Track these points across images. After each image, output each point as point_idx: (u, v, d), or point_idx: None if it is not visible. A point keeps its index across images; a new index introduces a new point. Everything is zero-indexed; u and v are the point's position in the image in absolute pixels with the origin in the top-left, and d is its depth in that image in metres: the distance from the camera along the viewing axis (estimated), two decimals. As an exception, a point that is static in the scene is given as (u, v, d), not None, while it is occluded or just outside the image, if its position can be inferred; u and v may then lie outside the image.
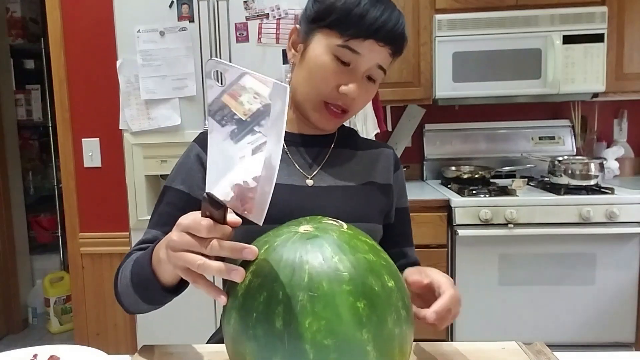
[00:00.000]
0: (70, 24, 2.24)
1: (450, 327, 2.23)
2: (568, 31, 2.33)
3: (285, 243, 0.60)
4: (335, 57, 0.87)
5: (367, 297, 0.55)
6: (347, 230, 0.62)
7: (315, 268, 0.56)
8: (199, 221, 0.58)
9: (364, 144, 1.06)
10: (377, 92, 2.25)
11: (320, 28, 0.88)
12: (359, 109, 0.95)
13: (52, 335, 3.10)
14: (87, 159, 2.29)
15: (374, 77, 0.91)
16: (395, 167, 1.06)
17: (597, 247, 2.11)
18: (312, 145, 0.99)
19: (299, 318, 0.54)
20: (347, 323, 0.54)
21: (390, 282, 0.58)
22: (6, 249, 3.12)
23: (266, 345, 0.55)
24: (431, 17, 2.41)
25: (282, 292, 0.55)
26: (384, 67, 0.90)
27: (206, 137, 0.92)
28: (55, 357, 0.76)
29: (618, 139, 2.72)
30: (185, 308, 1.89)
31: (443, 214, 2.18)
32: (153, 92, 1.95)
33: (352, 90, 0.87)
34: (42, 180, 3.61)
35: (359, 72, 0.88)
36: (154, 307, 0.83)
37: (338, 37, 0.86)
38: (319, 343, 0.53)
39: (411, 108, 2.78)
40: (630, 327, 2.14)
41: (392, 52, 0.89)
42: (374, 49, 0.86)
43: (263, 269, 0.58)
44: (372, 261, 0.59)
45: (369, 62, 0.87)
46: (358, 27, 0.85)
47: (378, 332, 0.55)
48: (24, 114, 3.42)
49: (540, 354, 0.75)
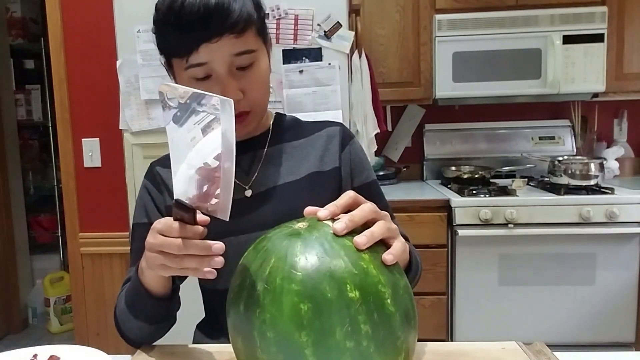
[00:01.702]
0: (70, 24, 2.24)
1: (450, 327, 2.23)
2: (568, 31, 2.33)
3: (273, 237, 0.63)
4: (194, 79, 0.82)
5: (313, 301, 0.55)
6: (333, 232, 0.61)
7: (277, 263, 0.58)
8: (170, 224, 0.64)
9: (306, 130, 0.97)
10: (377, 92, 2.28)
11: (168, 58, 0.85)
12: (260, 98, 0.86)
13: (52, 335, 3.10)
14: (87, 159, 2.28)
15: (244, 65, 0.82)
16: (342, 144, 0.95)
17: (597, 247, 2.11)
18: (246, 151, 0.93)
19: (252, 306, 0.58)
20: (287, 321, 0.55)
21: (352, 293, 0.55)
22: (6, 249, 3.12)
23: (234, 324, 0.62)
24: (431, 17, 2.41)
25: (249, 280, 0.60)
26: (243, 50, 0.81)
27: (152, 170, 0.97)
28: (55, 357, 0.76)
29: (618, 139, 2.72)
30: (185, 308, 1.89)
31: (443, 214, 2.18)
32: (153, 92, 1.95)
33: (230, 95, 0.79)
34: (42, 180, 3.61)
35: (222, 77, 0.81)
36: (159, 329, 0.83)
37: (180, 61, 0.81)
38: (264, 333, 0.56)
39: (411, 108, 2.78)
40: (630, 327, 2.14)
41: (237, 33, 0.79)
42: (211, 49, 0.79)
43: (248, 256, 0.63)
44: (340, 267, 0.56)
45: (220, 62, 0.80)
46: (182, 43, 0.79)
47: (320, 339, 0.54)
48: (24, 114, 3.42)
49: (540, 354, 0.75)
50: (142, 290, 0.77)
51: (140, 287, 0.77)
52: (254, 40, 0.83)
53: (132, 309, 0.81)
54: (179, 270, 0.65)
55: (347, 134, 0.97)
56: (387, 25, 2.46)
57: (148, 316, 0.80)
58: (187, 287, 0.95)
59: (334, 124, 0.98)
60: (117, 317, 0.86)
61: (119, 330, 0.87)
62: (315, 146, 0.95)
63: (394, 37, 2.47)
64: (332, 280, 0.55)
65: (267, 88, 0.89)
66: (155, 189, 0.95)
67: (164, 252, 0.65)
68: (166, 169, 0.95)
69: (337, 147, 0.95)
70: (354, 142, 0.97)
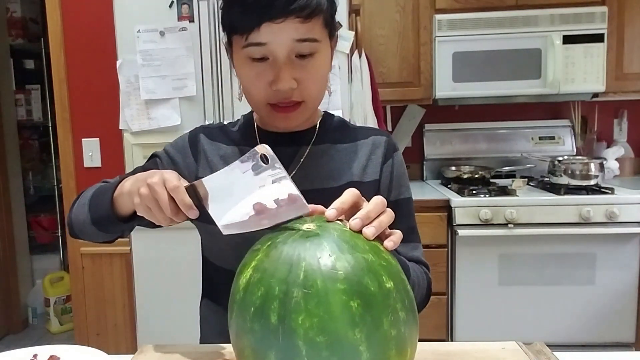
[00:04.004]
0: (70, 24, 2.24)
1: (450, 327, 2.23)
2: (568, 31, 2.33)
3: (286, 240, 0.60)
4: (250, 59, 0.81)
5: (361, 297, 0.55)
6: (350, 229, 0.62)
7: (311, 265, 0.56)
8: (177, 184, 0.67)
9: (352, 134, 0.95)
10: (377, 92, 2.28)
11: (230, 36, 0.84)
12: (315, 92, 0.85)
13: (52, 335, 3.10)
14: (87, 159, 2.29)
15: (304, 52, 0.80)
16: (386, 156, 0.93)
17: (597, 247, 2.11)
18: (289, 144, 0.91)
19: (292, 314, 0.54)
20: (339, 321, 0.54)
21: (388, 283, 0.58)
22: (6, 249, 3.12)
23: (262, 339, 0.56)
24: (431, 17, 2.41)
25: (278, 288, 0.56)
26: (306, 37, 0.79)
27: (196, 135, 0.97)
28: (55, 357, 0.76)
29: (618, 139, 2.72)
30: (185, 308, 1.89)
31: (443, 214, 2.18)
32: (153, 92, 1.95)
33: (283, 82, 0.79)
34: (42, 180, 3.60)
35: (279, 61, 0.79)
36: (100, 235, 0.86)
37: (240, 38, 0.80)
38: (312, 340, 0.54)
39: (411, 108, 2.78)
40: (630, 327, 2.14)
41: (303, 18, 0.77)
42: (274, 30, 0.77)
43: (263, 264, 0.59)
44: (371, 261, 0.58)
45: (280, 46, 0.78)
46: (244, 19, 0.78)
47: (372, 332, 0.55)
48: (24, 114, 3.42)
49: (540, 354, 0.75)
50: (109, 203, 0.80)
51: (109, 200, 0.80)
52: (320, 30, 0.81)
53: (92, 208, 0.84)
54: (155, 220, 0.70)
55: (391, 146, 0.95)
56: (387, 25, 2.46)
57: (99, 223, 0.83)
58: (187, 289, 0.95)
59: (381, 133, 0.96)
60: (75, 204, 0.90)
61: (70, 211, 0.90)
62: (360, 154, 0.93)
63: (394, 37, 2.47)
64: (370, 273, 0.57)
65: (324, 84, 0.87)
66: (191, 155, 0.95)
67: (155, 201, 0.68)
68: (210, 142, 0.95)
69: (380, 159, 0.93)
70: (397, 155, 0.95)
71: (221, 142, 0.95)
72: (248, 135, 0.95)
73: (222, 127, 0.98)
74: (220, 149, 0.94)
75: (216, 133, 0.96)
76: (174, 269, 1.97)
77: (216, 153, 0.94)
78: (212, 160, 0.93)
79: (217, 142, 0.95)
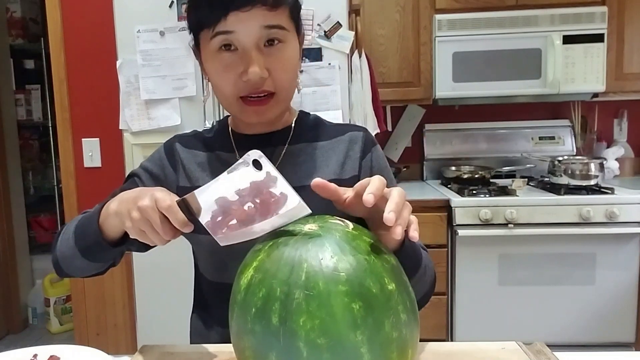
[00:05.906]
0: (70, 24, 2.24)
1: (450, 327, 2.23)
2: (568, 31, 2.33)
3: (288, 241, 0.60)
4: (218, 52, 0.81)
5: (363, 299, 0.55)
6: (352, 230, 0.62)
7: (313, 267, 0.56)
8: (170, 203, 0.64)
9: (329, 132, 0.94)
10: (377, 92, 2.28)
11: (197, 34, 0.84)
12: (286, 82, 0.84)
13: (52, 335, 3.10)
14: (87, 159, 2.28)
15: (272, 38, 0.81)
16: (364, 151, 0.92)
17: (597, 247, 2.11)
18: (265, 145, 0.89)
19: (293, 316, 0.54)
20: (341, 323, 0.54)
21: (390, 285, 0.58)
22: (6, 249, 3.12)
23: (263, 340, 0.56)
24: (431, 17, 2.41)
25: (279, 289, 0.56)
26: (274, 24, 0.80)
27: (172, 145, 0.96)
28: (55, 357, 0.76)
29: (618, 139, 2.72)
30: (185, 308, 1.89)
31: (443, 214, 2.18)
32: (153, 92, 1.95)
33: (253, 71, 0.79)
34: (42, 180, 3.60)
35: (247, 49, 0.79)
36: (91, 267, 0.82)
37: (207, 31, 0.80)
38: (313, 342, 0.54)
39: (411, 108, 2.78)
40: (630, 327, 2.14)
41: (269, 6, 0.78)
42: (241, 18, 0.77)
43: (264, 265, 0.59)
44: (373, 262, 0.58)
45: (248, 33, 0.79)
46: (211, 12, 0.78)
47: (373, 334, 0.55)
48: (24, 114, 3.41)
49: (540, 354, 0.75)
50: (96, 227, 0.76)
51: (95, 224, 0.76)
52: (287, 20, 0.82)
53: (78, 238, 0.80)
54: (149, 242, 0.67)
55: (369, 140, 0.94)
56: (387, 25, 2.46)
57: (88, 251, 0.79)
58: (187, 289, 0.94)
59: (358, 129, 0.95)
60: (59, 239, 0.85)
61: (54, 248, 0.86)
62: (337, 151, 0.92)
63: (394, 37, 2.47)
64: (372, 275, 0.57)
65: (294, 75, 0.86)
66: (170, 166, 0.94)
67: (149, 223, 0.65)
68: (186, 150, 0.94)
69: (358, 154, 0.92)
70: (376, 149, 0.94)
71: (197, 149, 0.94)
72: (223, 140, 0.94)
73: (197, 134, 0.98)
74: (196, 156, 0.94)
75: (191, 141, 0.96)
76: (174, 269, 1.97)
77: (193, 160, 0.93)
78: (190, 168, 0.92)
79: (193, 150, 0.94)
